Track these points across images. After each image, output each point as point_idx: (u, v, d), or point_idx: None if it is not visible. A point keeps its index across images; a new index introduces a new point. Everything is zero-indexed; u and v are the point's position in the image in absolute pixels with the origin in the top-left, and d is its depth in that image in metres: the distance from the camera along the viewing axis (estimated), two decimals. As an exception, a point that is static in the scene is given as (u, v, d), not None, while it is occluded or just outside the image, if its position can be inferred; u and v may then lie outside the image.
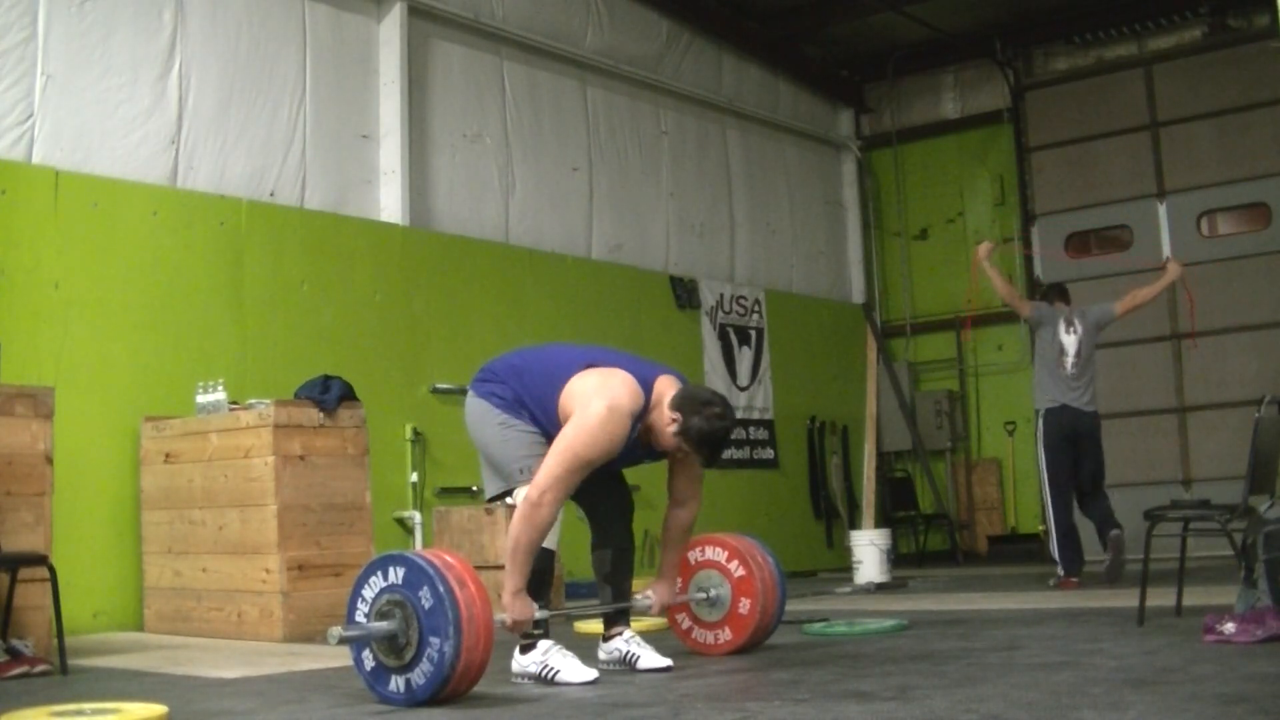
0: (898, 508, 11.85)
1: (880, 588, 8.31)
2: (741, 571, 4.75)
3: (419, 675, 3.66)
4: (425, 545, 7.62)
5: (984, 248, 8.33)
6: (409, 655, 3.66)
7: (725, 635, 4.79)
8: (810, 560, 11.02)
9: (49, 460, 5.16)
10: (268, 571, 6.07)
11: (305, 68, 8.12)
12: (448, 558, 3.73)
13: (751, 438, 10.95)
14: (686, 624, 4.88)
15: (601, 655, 4.46)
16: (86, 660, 5.19)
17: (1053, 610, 6.10)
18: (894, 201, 12.77)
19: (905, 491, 12.09)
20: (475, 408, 4.41)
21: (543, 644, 4.15)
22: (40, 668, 4.80)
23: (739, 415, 10.79)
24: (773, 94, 12.04)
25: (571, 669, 4.08)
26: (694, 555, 4.87)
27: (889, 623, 5.45)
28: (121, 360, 6.86)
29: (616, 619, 4.47)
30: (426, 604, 3.61)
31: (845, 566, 9.33)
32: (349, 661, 4.92)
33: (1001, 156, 12.19)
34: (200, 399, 6.54)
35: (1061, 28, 11.75)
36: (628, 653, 4.38)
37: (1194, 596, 5.37)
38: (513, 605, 4.01)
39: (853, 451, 11.91)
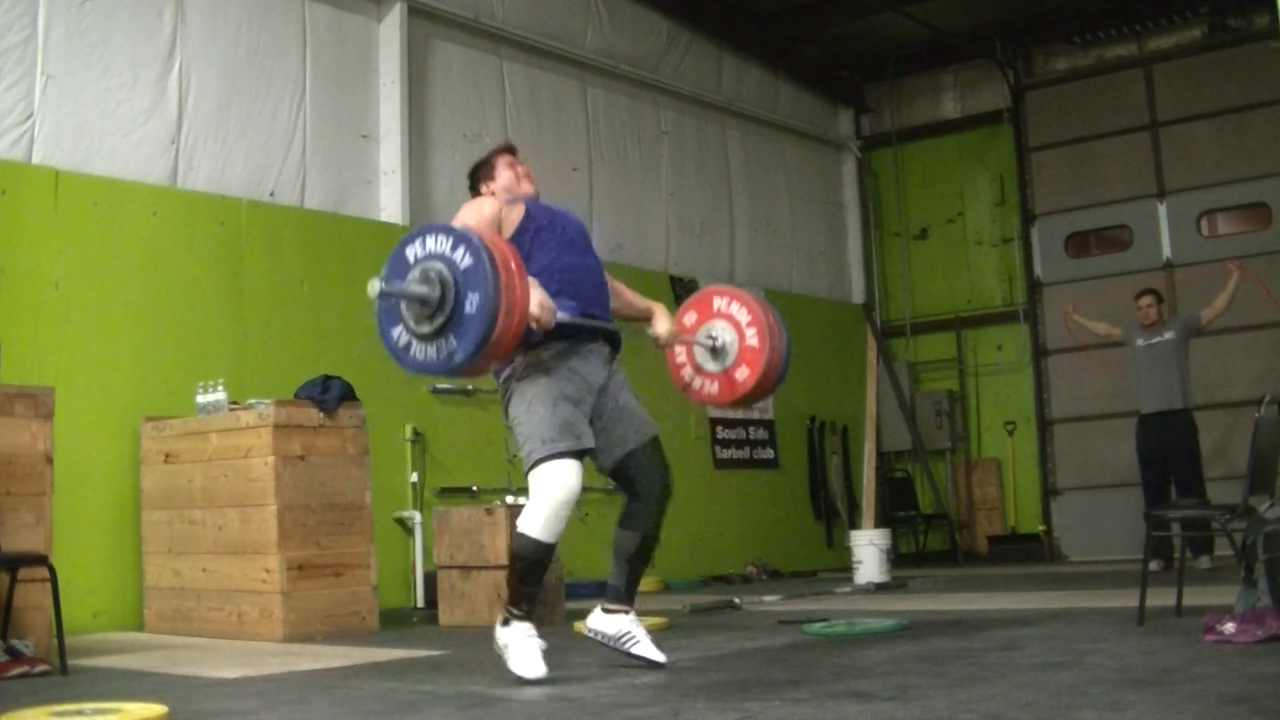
0: (898, 508, 11.85)
1: (880, 588, 8.31)
2: (755, 342, 4.70)
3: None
4: (425, 545, 7.63)
5: (1067, 311, 9.71)
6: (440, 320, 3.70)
7: (712, 389, 4.81)
8: (810, 560, 11.02)
9: (49, 460, 5.15)
10: (268, 571, 6.07)
11: (305, 68, 8.12)
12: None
13: (751, 438, 10.95)
14: (688, 371, 4.86)
15: (591, 624, 4.40)
16: (86, 660, 5.19)
17: (1053, 610, 6.10)
18: (894, 201, 12.77)
19: (905, 491, 12.09)
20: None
21: (519, 625, 4.12)
22: (40, 668, 4.79)
23: (739, 416, 10.81)
24: (773, 94, 12.04)
25: (524, 662, 4.04)
26: (719, 302, 4.82)
27: (889, 623, 5.44)
28: (121, 360, 6.86)
29: (623, 597, 4.39)
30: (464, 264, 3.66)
31: (845, 566, 9.33)
32: (349, 662, 4.94)
33: (1001, 156, 12.19)
34: (200, 399, 6.54)
35: (1061, 28, 11.75)
36: (626, 632, 4.32)
37: (1194, 596, 5.37)
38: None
39: (853, 451, 11.91)
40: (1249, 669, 3.69)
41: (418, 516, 7.88)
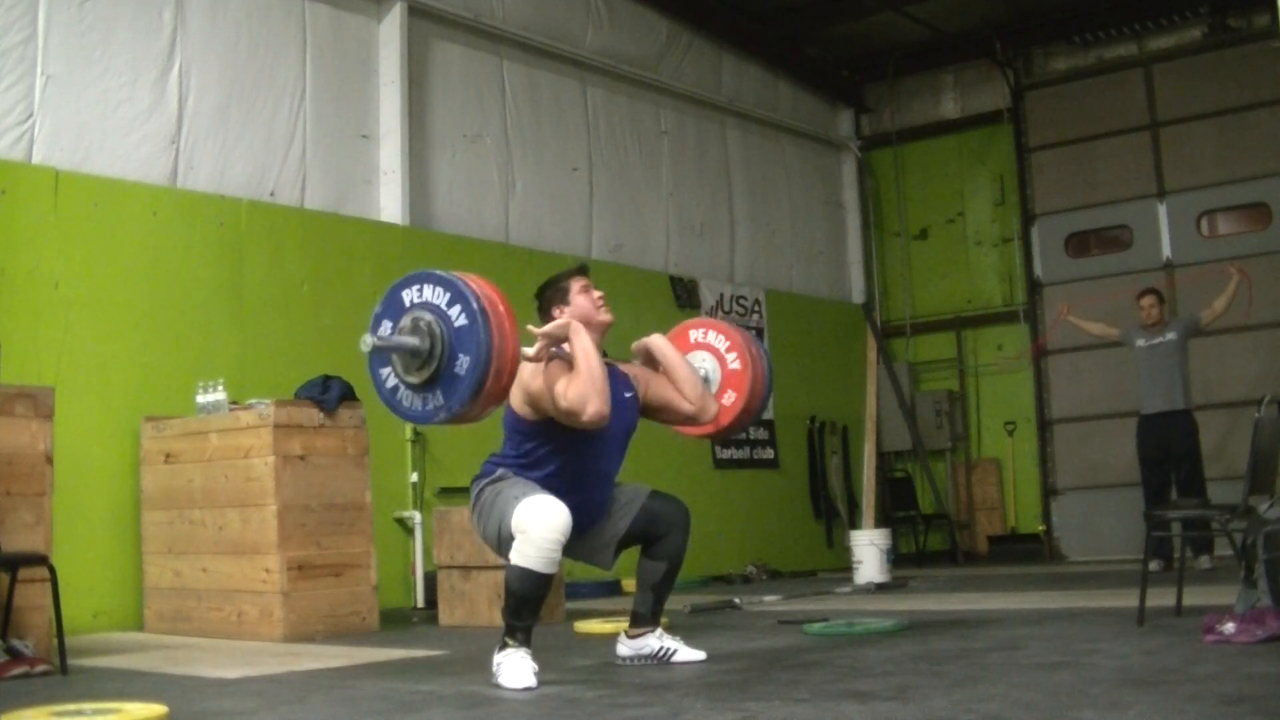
0: (898, 508, 11.84)
1: (880, 588, 8.30)
2: (737, 365, 4.71)
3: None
4: (425, 545, 7.63)
5: (1062, 310, 9.62)
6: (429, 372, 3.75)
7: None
8: (810, 560, 11.02)
9: (49, 460, 5.15)
10: (268, 571, 6.07)
11: (305, 68, 8.12)
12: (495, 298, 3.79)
13: (751, 438, 10.94)
14: None
15: (624, 651, 4.48)
16: (86, 660, 5.19)
17: (1053, 610, 6.10)
18: (894, 201, 12.77)
19: (905, 491, 12.08)
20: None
21: (514, 650, 4.02)
22: (40, 668, 4.79)
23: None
24: (773, 94, 12.04)
25: (513, 675, 3.96)
26: (695, 334, 4.83)
27: (889, 623, 5.44)
28: (121, 360, 6.86)
29: (647, 618, 4.48)
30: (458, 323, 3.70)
31: (845, 566, 9.33)
32: (349, 662, 4.94)
33: (1001, 156, 12.18)
34: (200, 399, 6.54)
35: (1061, 28, 11.74)
36: (661, 649, 4.44)
37: (1194, 596, 5.37)
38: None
39: (853, 451, 11.91)
40: (1249, 669, 3.69)
41: (418, 516, 7.88)
